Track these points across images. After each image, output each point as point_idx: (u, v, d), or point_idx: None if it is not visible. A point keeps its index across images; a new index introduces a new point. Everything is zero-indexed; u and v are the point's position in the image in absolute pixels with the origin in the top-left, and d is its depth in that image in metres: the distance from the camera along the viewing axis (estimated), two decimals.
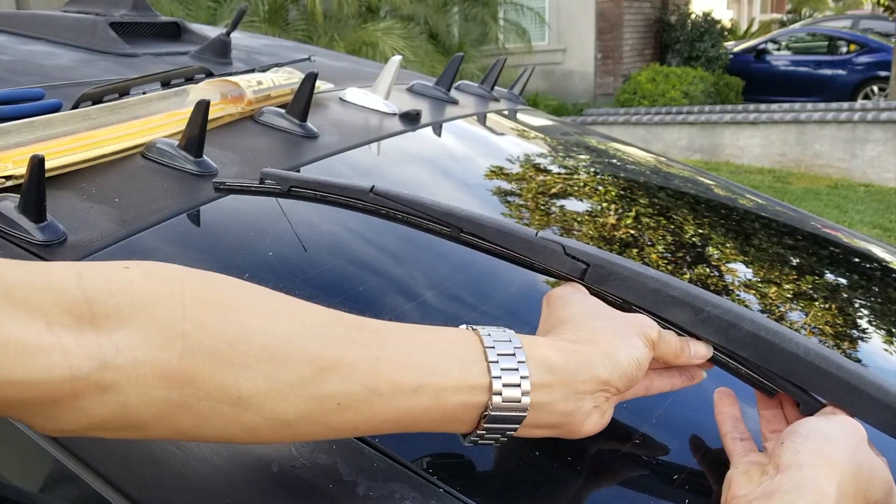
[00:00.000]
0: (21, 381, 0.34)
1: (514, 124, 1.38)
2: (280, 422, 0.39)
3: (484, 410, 0.43)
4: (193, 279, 0.40)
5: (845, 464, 0.43)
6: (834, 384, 0.48)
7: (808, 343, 0.49)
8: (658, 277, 0.52)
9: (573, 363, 0.45)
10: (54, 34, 1.21)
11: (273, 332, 0.40)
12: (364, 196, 0.58)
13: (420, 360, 0.42)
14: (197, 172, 0.76)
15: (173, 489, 0.47)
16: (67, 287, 0.36)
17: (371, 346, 0.42)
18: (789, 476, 0.42)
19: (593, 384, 0.46)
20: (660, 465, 0.54)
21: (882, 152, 6.27)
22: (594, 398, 0.46)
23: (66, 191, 0.69)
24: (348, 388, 0.40)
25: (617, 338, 0.48)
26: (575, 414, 0.46)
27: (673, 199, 1.15)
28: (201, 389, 0.37)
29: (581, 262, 0.53)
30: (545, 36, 10.22)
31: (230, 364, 0.38)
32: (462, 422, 0.44)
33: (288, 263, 0.69)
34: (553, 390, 0.45)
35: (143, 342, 0.36)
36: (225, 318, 0.39)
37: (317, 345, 0.40)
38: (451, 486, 0.47)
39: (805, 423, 0.46)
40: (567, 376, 0.45)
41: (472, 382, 0.43)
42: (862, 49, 10.23)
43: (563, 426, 0.46)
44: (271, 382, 0.39)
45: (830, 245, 1.13)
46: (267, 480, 0.46)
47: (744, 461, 0.48)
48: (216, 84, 0.96)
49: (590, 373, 0.45)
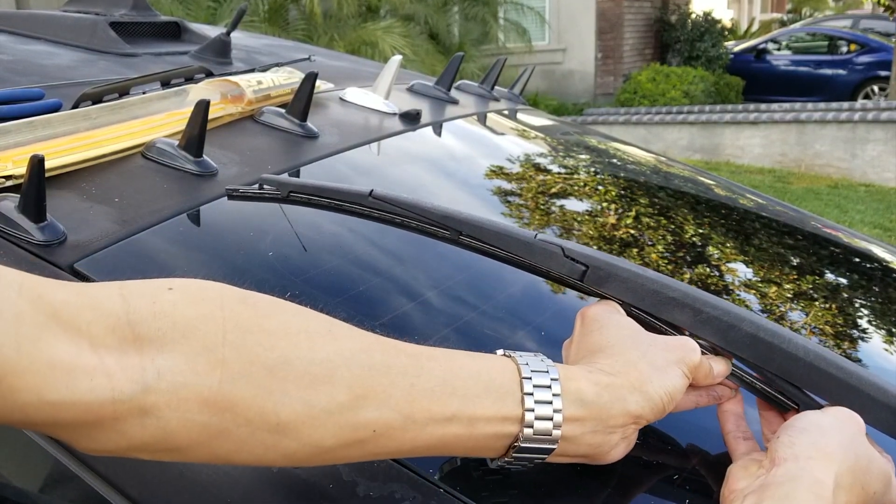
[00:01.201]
0: (64, 401, 0.34)
1: (514, 124, 1.38)
2: (317, 448, 0.40)
3: (514, 441, 0.44)
4: (235, 302, 0.40)
5: (841, 455, 0.43)
6: (833, 384, 0.48)
7: (807, 344, 0.49)
8: (657, 279, 0.52)
9: (605, 397, 0.45)
10: (54, 34, 1.21)
11: (311, 358, 0.40)
12: (363, 200, 0.58)
13: (455, 389, 0.42)
14: (197, 172, 0.76)
15: (173, 489, 0.47)
16: (112, 308, 0.37)
17: (407, 373, 0.42)
18: (785, 468, 0.42)
19: (623, 419, 0.45)
20: (660, 465, 0.54)
21: (882, 152, 6.26)
22: (623, 430, 0.46)
23: (66, 191, 0.69)
24: (383, 416, 0.40)
25: (653, 369, 0.47)
26: (602, 446, 0.46)
27: (673, 199, 1.15)
28: (241, 415, 0.38)
29: (580, 264, 0.53)
30: (545, 35, 10.22)
31: (269, 390, 0.38)
32: (492, 449, 0.44)
33: (288, 263, 0.69)
34: (584, 424, 0.45)
35: (184, 367, 0.37)
36: (265, 344, 0.39)
37: (354, 371, 0.40)
38: (451, 486, 0.47)
39: (801, 418, 0.46)
40: (599, 411, 0.45)
41: (506, 413, 0.43)
42: (862, 49, 10.22)
43: (589, 457, 0.47)
44: (309, 409, 0.39)
45: (831, 245, 1.13)
46: (267, 480, 0.46)
47: (743, 457, 0.48)
48: (216, 84, 0.96)
49: (621, 408, 0.45)
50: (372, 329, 0.59)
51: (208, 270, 0.66)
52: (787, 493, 0.41)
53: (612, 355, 0.48)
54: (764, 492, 0.41)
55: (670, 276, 0.82)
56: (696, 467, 0.54)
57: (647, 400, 0.46)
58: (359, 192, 0.58)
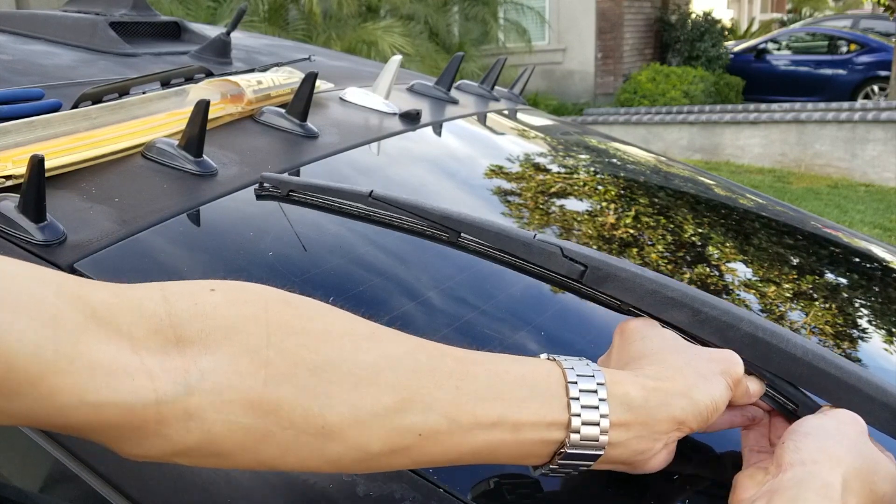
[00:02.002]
0: (105, 403, 0.33)
1: (514, 124, 1.38)
2: (363, 452, 0.39)
3: (560, 447, 0.43)
4: (278, 304, 0.40)
5: (849, 458, 0.43)
6: (832, 384, 0.48)
7: (805, 343, 0.49)
8: (656, 279, 0.52)
9: (652, 402, 0.45)
10: (54, 34, 1.21)
11: (356, 360, 0.39)
12: (363, 200, 0.58)
13: (501, 393, 0.42)
14: (197, 172, 0.76)
15: (173, 489, 0.47)
16: (153, 309, 0.36)
17: (452, 377, 0.41)
18: (792, 473, 0.42)
19: (669, 425, 0.45)
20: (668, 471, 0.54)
21: (882, 152, 6.26)
22: (667, 437, 0.46)
23: (66, 191, 0.69)
24: (429, 420, 0.40)
25: (698, 376, 0.47)
26: (646, 453, 0.45)
27: (673, 199, 1.15)
28: (286, 418, 0.37)
29: (579, 264, 0.53)
30: (545, 35, 10.22)
31: (314, 392, 0.37)
32: (537, 456, 0.44)
33: (289, 263, 0.69)
34: (630, 429, 0.44)
35: (228, 368, 0.36)
36: (309, 346, 0.38)
37: (399, 375, 0.40)
38: (451, 486, 0.47)
39: (805, 422, 0.46)
40: (645, 416, 0.44)
41: (552, 419, 0.42)
42: (862, 49, 10.22)
43: (632, 464, 0.46)
44: (355, 412, 0.38)
45: (831, 245, 1.13)
46: (267, 480, 0.46)
47: (751, 466, 0.48)
48: (216, 84, 0.96)
49: (667, 413, 0.45)
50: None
51: (209, 270, 0.66)
52: (796, 497, 0.40)
53: (656, 362, 0.47)
54: (772, 497, 0.41)
55: (670, 275, 0.82)
56: (697, 468, 0.54)
57: (693, 406, 0.45)
58: (359, 192, 0.58)
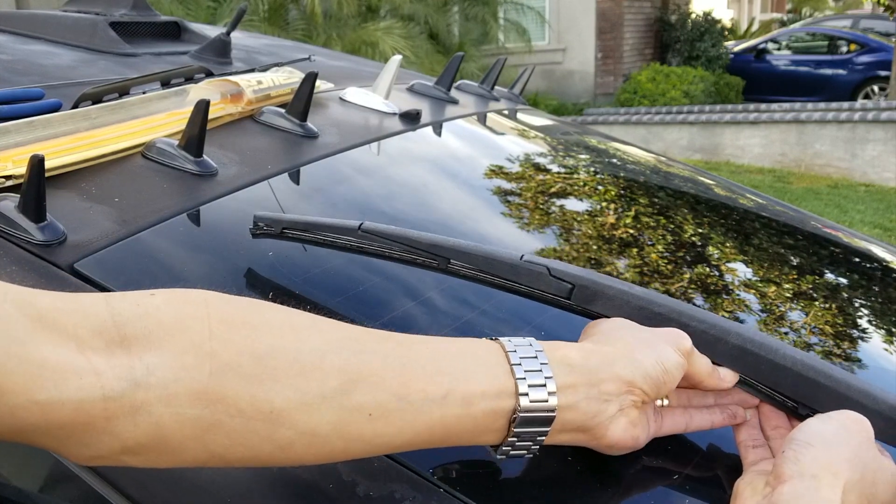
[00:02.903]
0: (54, 401, 0.34)
1: (514, 124, 1.38)
2: (314, 436, 0.40)
3: (513, 414, 0.44)
4: (218, 302, 0.41)
5: (848, 471, 0.42)
6: (822, 393, 0.49)
7: (794, 354, 0.50)
8: (643, 295, 0.53)
9: (593, 361, 0.46)
10: (54, 34, 1.21)
11: (300, 347, 0.40)
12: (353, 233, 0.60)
13: (447, 368, 0.43)
14: (197, 172, 0.76)
15: (173, 489, 0.47)
16: (97, 311, 0.37)
17: (397, 356, 0.42)
18: (791, 486, 0.42)
19: (616, 384, 0.46)
20: (660, 467, 0.54)
21: (882, 152, 6.26)
22: (619, 401, 0.46)
23: (66, 191, 0.69)
24: (378, 398, 0.41)
25: (642, 343, 0.48)
26: (599, 416, 0.46)
27: (673, 199, 1.15)
28: (233, 406, 0.38)
29: (567, 283, 0.54)
30: (545, 35, 10.22)
31: (260, 379, 0.38)
32: (493, 430, 0.44)
33: (289, 262, 0.69)
34: (577, 390, 0.45)
35: (173, 362, 0.37)
36: (252, 336, 0.39)
37: (343, 356, 0.41)
38: (451, 486, 0.47)
39: (805, 429, 0.45)
40: (588, 375, 0.45)
41: (499, 387, 0.43)
42: (862, 49, 10.22)
43: (590, 430, 0.46)
44: (301, 395, 0.39)
45: (831, 245, 1.13)
46: (267, 480, 0.46)
47: (752, 471, 0.48)
48: (216, 84, 0.96)
49: (610, 371, 0.46)
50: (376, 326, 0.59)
51: (209, 270, 0.66)
52: None
53: (602, 336, 0.49)
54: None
55: (670, 275, 0.82)
56: (698, 470, 0.54)
57: (638, 366, 0.46)
58: (349, 226, 0.60)
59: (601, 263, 0.83)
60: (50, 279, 0.58)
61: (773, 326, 0.77)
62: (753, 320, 0.78)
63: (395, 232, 0.58)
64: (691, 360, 0.50)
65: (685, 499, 0.51)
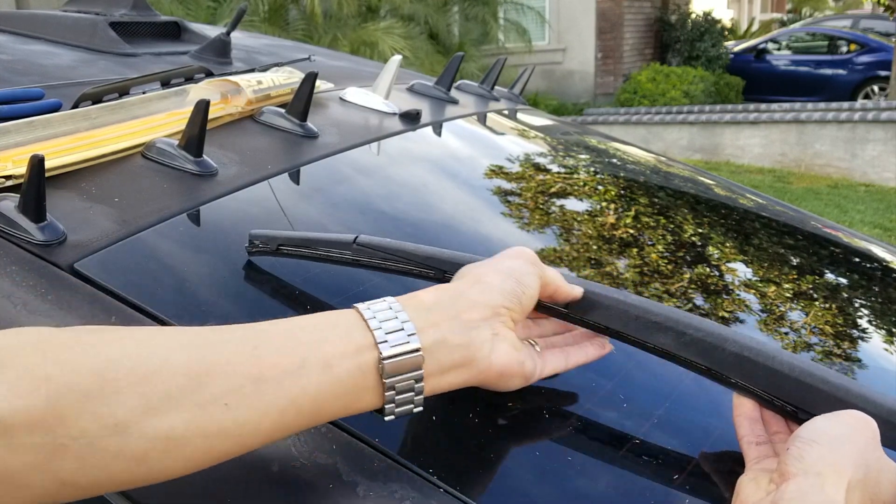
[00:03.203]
0: None
1: (514, 124, 1.38)
2: (169, 440, 0.38)
3: (379, 365, 0.43)
4: (51, 330, 0.40)
5: (852, 470, 0.42)
6: (820, 399, 0.49)
7: (792, 359, 0.50)
8: (639, 304, 0.54)
9: (446, 297, 0.47)
10: (54, 34, 1.21)
11: (140, 354, 0.39)
12: (348, 247, 0.60)
13: (300, 340, 0.42)
14: (197, 172, 0.76)
15: (173, 489, 0.47)
16: None
17: (248, 340, 0.41)
18: (795, 484, 0.42)
19: (478, 310, 0.46)
20: (660, 467, 0.54)
21: (882, 152, 6.26)
22: (489, 325, 0.47)
23: (66, 191, 0.69)
24: (231, 385, 0.39)
25: (489, 269, 0.50)
26: (474, 344, 0.46)
27: (673, 200, 1.15)
28: (75, 426, 0.36)
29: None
30: (545, 35, 10.22)
31: (100, 393, 0.37)
32: (366, 390, 0.44)
33: (289, 262, 0.69)
34: (439, 327, 0.45)
35: (7, 393, 0.36)
36: (88, 353, 0.38)
37: (189, 353, 0.40)
38: (451, 486, 0.47)
39: (810, 427, 0.45)
40: (446, 310, 0.46)
41: (357, 343, 0.43)
42: (862, 49, 10.22)
43: (471, 362, 0.46)
44: (146, 400, 0.38)
45: (831, 245, 1.13)
46: (267, 480, 0.46)
47: (755, 468, 0.48)
48: (216, 84, 0.96)
49: (467, 300, 0.47)
50: None
51: (209, 270, 0.66)
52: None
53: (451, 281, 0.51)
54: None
55: (670, 275, 0.82)
56: (696, 468, 0.54)
57: (491, 287, 0.48)
58: (344, 240, 0.60)
59: (601, 263, 0.83)
60: (50, 279, 0.58)
61: (773, 327, 0.77)
62: (754, 320, 0.78)
63: (392, 245, 0.58)
64: (541, 269, 0.51)
65: (685, 498, 0.51)
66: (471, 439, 0.51)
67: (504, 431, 0.53)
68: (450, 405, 0.54)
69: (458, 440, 0.51)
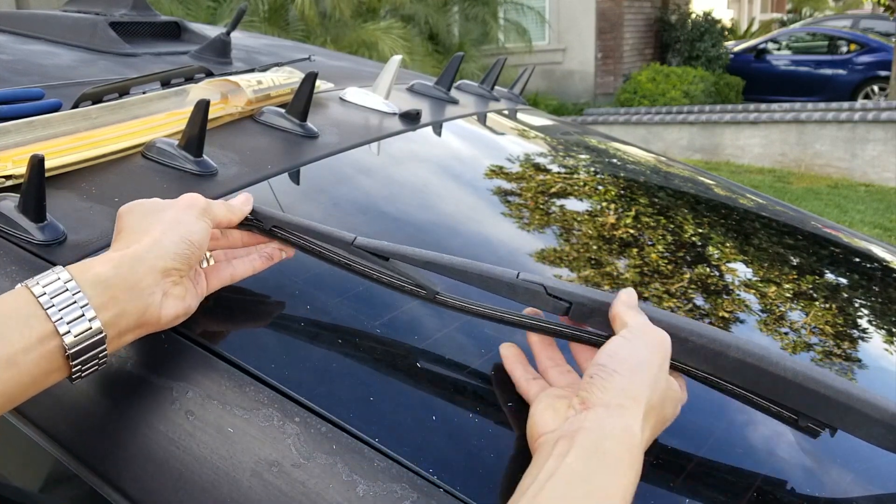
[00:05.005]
0: None
1: (514, 124, 1.38)
2: None
3: (65, 352, 0.45)
4: None
5: (649, 394, 0.46)
6: (823, 404, 0.49)
7: (794, 365, 0.50)
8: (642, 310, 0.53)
9: (124, 268, 0.48)
10: (54, 34, 1.21)
11: None
12: (345, 246, 0.59)
13: None
14: (197, 172, 0.76)
15: (173, 489, 0.47)
16: None
17: None
18: (596, 414, 0.44)
19: (152, 276, 0.49)
20: (661, 467, 0.54)
21: (882, 152, 6.26)
22: (160, 287, 0.50)
23: (66, 191, 0.69)
24: None
25: (163, 225, 0.52)
26: (149, 310, 0.49)
27: (673, 200, 1.15)
28: None
29: (564, 301, 0.54)
30: (545, 36, 10.22)
31: None
32: (55, 370, 0.45)
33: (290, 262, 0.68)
34: (118, 300, 0.47)
35: None
36: None
37: None
38: (451, 486, 0.47)
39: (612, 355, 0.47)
40: (124, 282, 0.48)
41: (38, 334, 0.44)
42: (862, 49, 10.22)
43: (146, 323, 0.49)
44: None
45: (831, 245, 1.13)
46: (267, 481, 0.46)
47: (546, 397, 0.50)
48: (216, 84, 0.96)
49: (143, 268, 0.49)
50: (374, 329, 0.59)
51: None
52: (599, 441, 0.42)
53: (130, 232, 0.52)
54: (575, 437, 0.43)
55: (670, 275, 0.82)
56: (702, 472, 0.54)
57: (166, 252, 0.50)
58: (342, 237, 0.59)
59: (601, 263, 0.83)
60: None
61: (773, 327, 0.77)
62: (754, 320, 0.78)
63: (389, 249, 0.58)
64: (212, 215, 0.55)
65: (685, 499, 0.51)
66: (471, 439, 0.51)
67: (504, 431, 0.53)
68: (450, 405, 0.54)
69: (458, 440, 0.51)
